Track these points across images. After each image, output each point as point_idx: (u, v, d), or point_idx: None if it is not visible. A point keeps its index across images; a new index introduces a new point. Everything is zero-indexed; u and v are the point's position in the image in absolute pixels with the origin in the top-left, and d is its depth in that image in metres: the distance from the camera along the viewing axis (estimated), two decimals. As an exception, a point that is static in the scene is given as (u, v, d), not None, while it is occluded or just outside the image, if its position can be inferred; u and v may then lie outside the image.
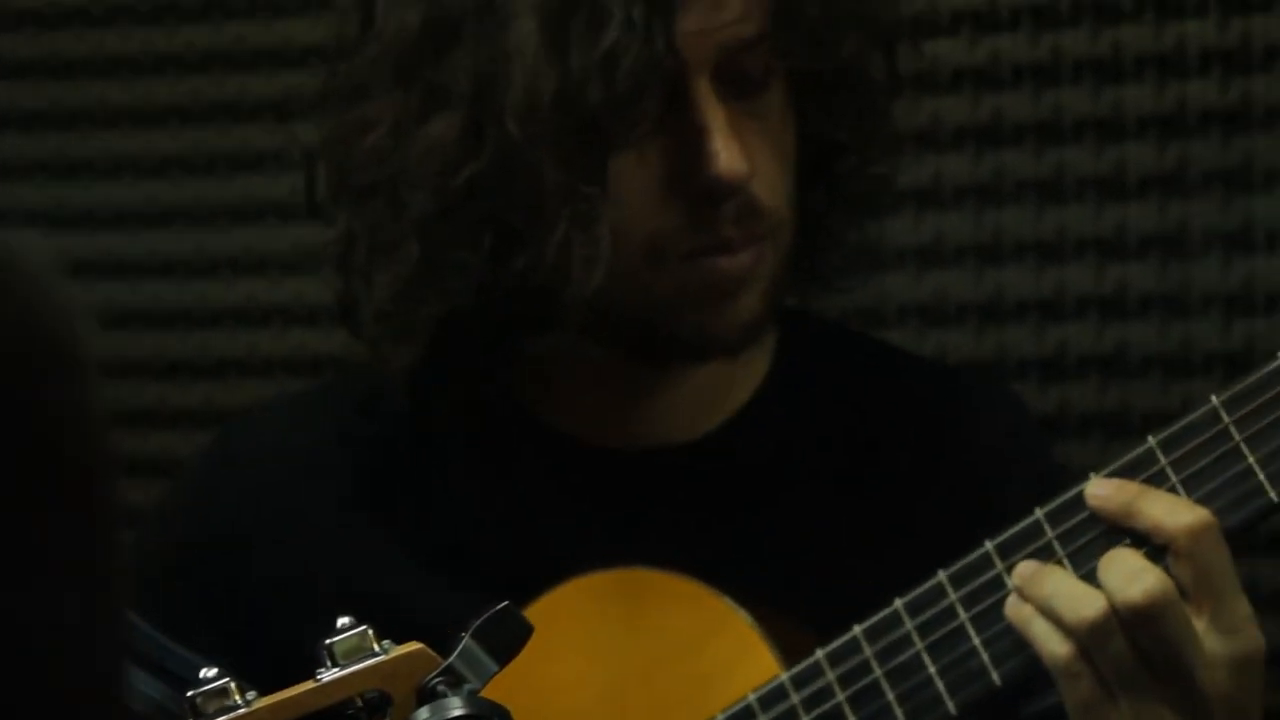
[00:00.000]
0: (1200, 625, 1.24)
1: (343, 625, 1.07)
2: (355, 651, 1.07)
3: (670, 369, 1.49)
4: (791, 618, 1.40)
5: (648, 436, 1.51)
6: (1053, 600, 1.26)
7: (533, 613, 1.38)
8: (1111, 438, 1.98)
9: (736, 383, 1.53)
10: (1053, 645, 1.26)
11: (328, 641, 1.06)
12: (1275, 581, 1.94)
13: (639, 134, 1.36)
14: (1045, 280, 2.05)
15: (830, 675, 1.33)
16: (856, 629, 1.33)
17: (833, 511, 1.50)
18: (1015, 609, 1.29)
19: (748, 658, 1.37)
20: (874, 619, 1.33)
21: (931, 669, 1.31)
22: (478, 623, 1.05)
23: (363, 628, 1.07)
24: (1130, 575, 1.24)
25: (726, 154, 1.37)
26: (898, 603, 1.32)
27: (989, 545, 1.30)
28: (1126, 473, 1.29)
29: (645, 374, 1.50)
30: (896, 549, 1.41)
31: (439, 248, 1.39)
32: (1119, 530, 1.28)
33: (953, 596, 1.31)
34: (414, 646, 1.06)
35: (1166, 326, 2.00)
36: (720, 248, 1.40)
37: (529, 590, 1.40)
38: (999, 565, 1.29)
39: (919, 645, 1.31)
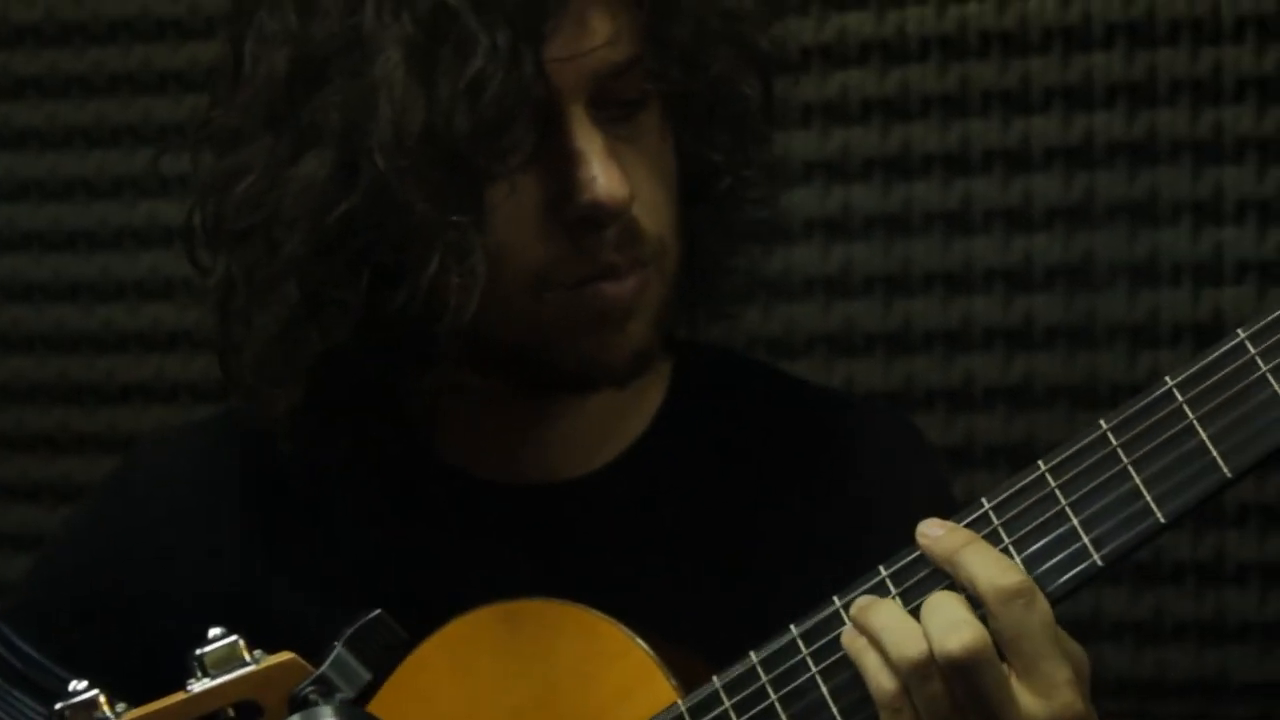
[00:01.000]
0: (1017, 686, 1.23)
1: (214, 635, 1.06)
2: (226, 661, 1.06)
3: (560, 400, 1.48)
4: (684, 647, 1.39)
5: (543, 469, 1.50)
6: (882, 634, 1.26)
7: (430, 645, 1.38)
8: (1017, 469, 1.98)
9: (631, 414, 1.53)
10: (880, 679, 1.25)
11: (198, 652, 1.05)
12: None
13: (513, 163, 1.35)
14: (952, 311, 2.05)
15: (727, 702, 1.33)
16: (753, 655, 1.33)
17: (726, 541, 1.49)
18: (850, 639, 1.29)
19: (645, 685, 1.36)
20: (770, 646, 1.32)
21: (824, 689, 1.30)
22: (350, 631, 1.04)
23: (233, 638, 1.05)
24: (949, 625, 1.23)
25: (605, 179, 1.36)
26: (793, 629, 1.32)
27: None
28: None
29: (537, 406, 1.49)
30: (790, 577, 1.40)
31: (317, 286, 1.38)
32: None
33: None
34: (285, 656, 1.06)
35: (1072, 357, 2.01)
36: (604, 274, 1.39)
37: (422, 622, 1.39)
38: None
39: (813, 669, 1.30)
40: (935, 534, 1.27)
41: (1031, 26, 2.00)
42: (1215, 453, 1.22)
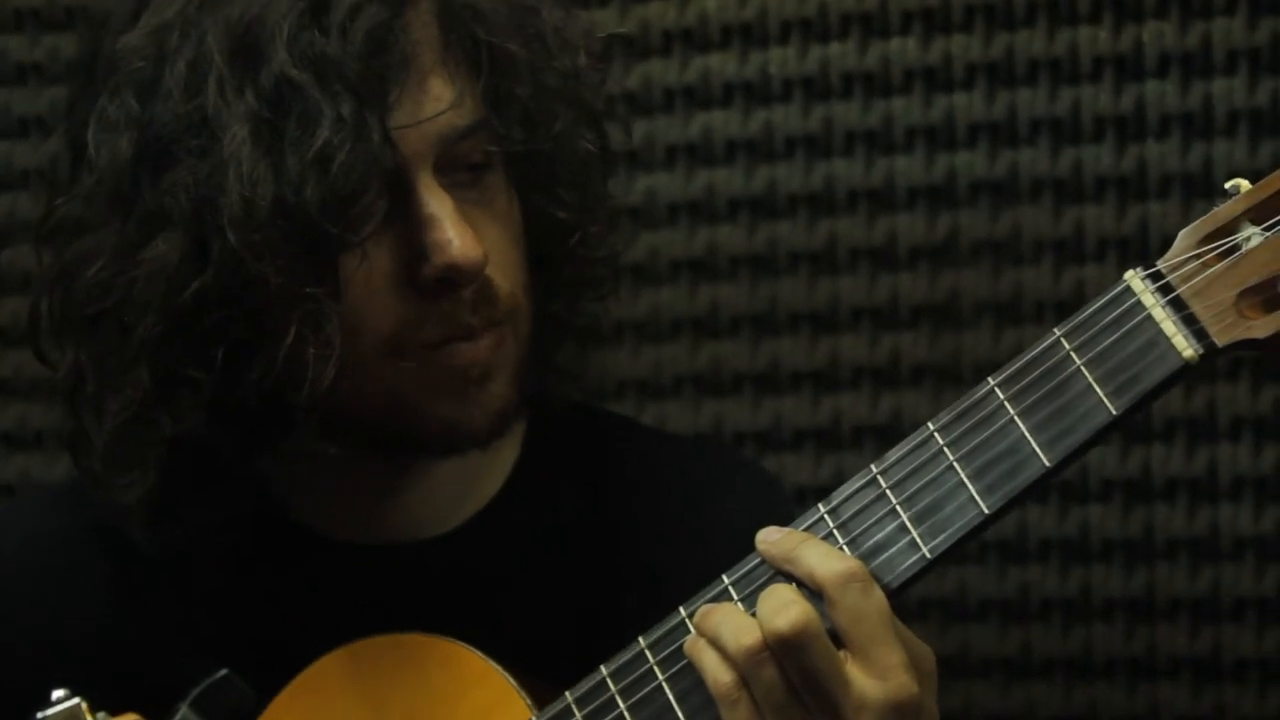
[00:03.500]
0: (852, 669, 1.26)
1: (57, 697, 1.04)
2: (69, 724, 1.04)
3: (418, 462, 1.48)
4: (543, 680, 1.39)
5: (401, 529, 1.50)
6: (719, 629, 1.29)
7: (285, 695, 1.37)
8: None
9: (486, 473, 1.53)
10: (718, 673, 1.28)
11: (40, 715, 1.03)
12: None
13: (365, 232, 1.35)
14: (819, 349, 2.06)
15: (578, 714, 1.35)
16: (603, 668, 1.35)
17: (582, 591, 1.50)
18: (690, 643, 1.31)
19: (502, 707, 1.39)
20: (619, 658, 1.34)
21: (670, 695, 1.33)
22: (196, 691, 1.03)
23: (75, 700, 1.04)
24: (778, 606, 1.26)
25: (460, 241, 1.37)
26: (641, 641, 1.34)
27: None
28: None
29: (395, 469, 1.49)
30: (643, 622, 1.40)
31: (170, 368, 1.37)
32: (784, 575, 1.31)
33: (689, 626, 1.33)
34: (129, 718, 1.04)
35: (939, 393, 2.02)
36: (461, 336, 1.40)
37: (281, 682, 1.39)
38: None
39: (660, 677, 1.33)
40: (773, 537, 1.31)
41: (894, 68, 2.01)
42: (1034, 445, 1.27)
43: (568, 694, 1.36)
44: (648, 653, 1.34)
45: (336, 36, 1.33)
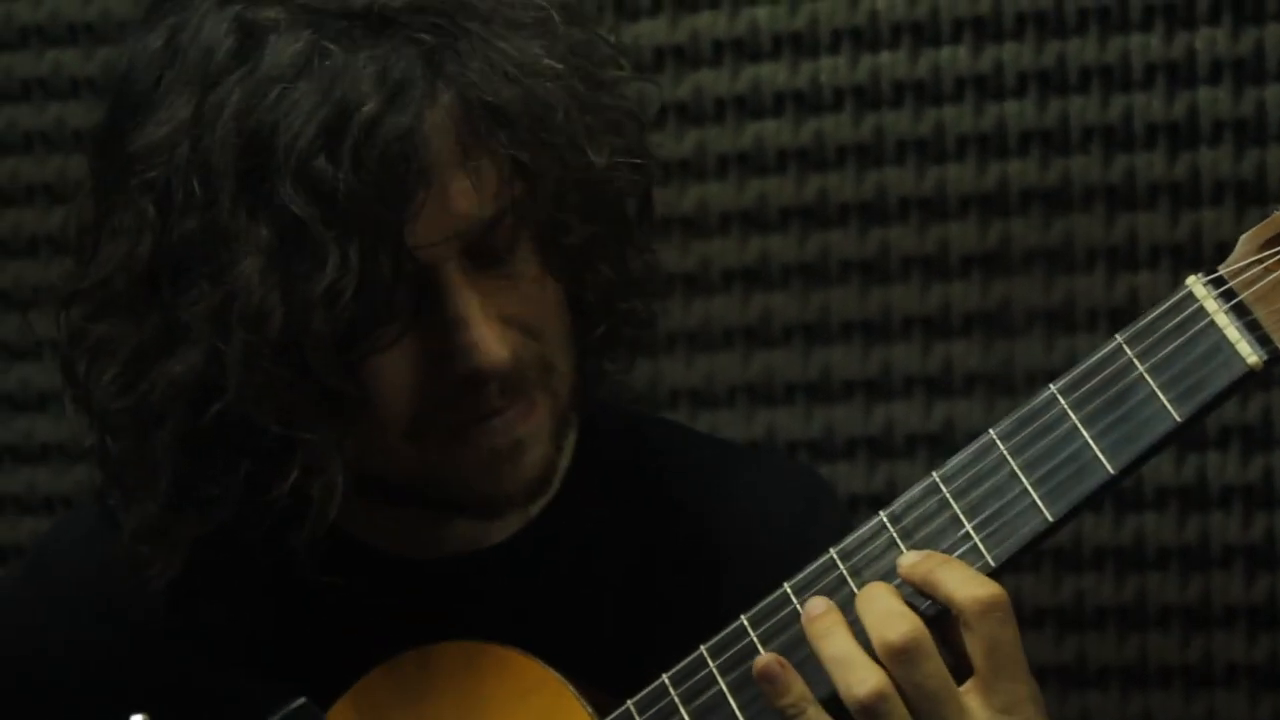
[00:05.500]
0: (971, 698, 1.25)
1: (135, 721, 1.04)
2: (147, 748, 1.04)
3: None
4: (600, 688, 1.39)
5: (456, 543, 1.49)
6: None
7: (343, 703, 1.38)
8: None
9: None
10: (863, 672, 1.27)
11: (120, 739, 1.03)
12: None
13: (386, 338, 1.32)
14: (872, 358, 2.06)
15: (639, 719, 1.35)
16: (664, 676, 1.35)
17: (637, 599, 1.49)
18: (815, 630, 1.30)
19: (562, 712, 1.38)
20: (680, 666, 1.34)
21: (733, 703, 1.32)
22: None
23: (147, 725, 1.04)
24: (886, 615, 1.26)
25: (484, 344, 1.33)
26: (701, 648, 1.33)
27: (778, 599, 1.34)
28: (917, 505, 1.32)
29: None
30: (696, 631, 1.40)
31: (192, 480, 1.36)
32: (917, 597, 1.29)
33: (752, 635, 1.33)
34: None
35: (991, 402, 2.02)
36: (489, 415, 1.38)
37: (338, 698, 1.39)
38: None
39: (722, 684, 1.32)
40: (913, 559, 1.29)
41: (945, 76, 2.01)
42: (1097, 451, 1.27)
43: (629, 702, 1.35)
44: (709, 659, 1.33)
45: (348, 163, 1.27)
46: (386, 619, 1.45)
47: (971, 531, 1.29)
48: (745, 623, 1.33)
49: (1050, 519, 1.28)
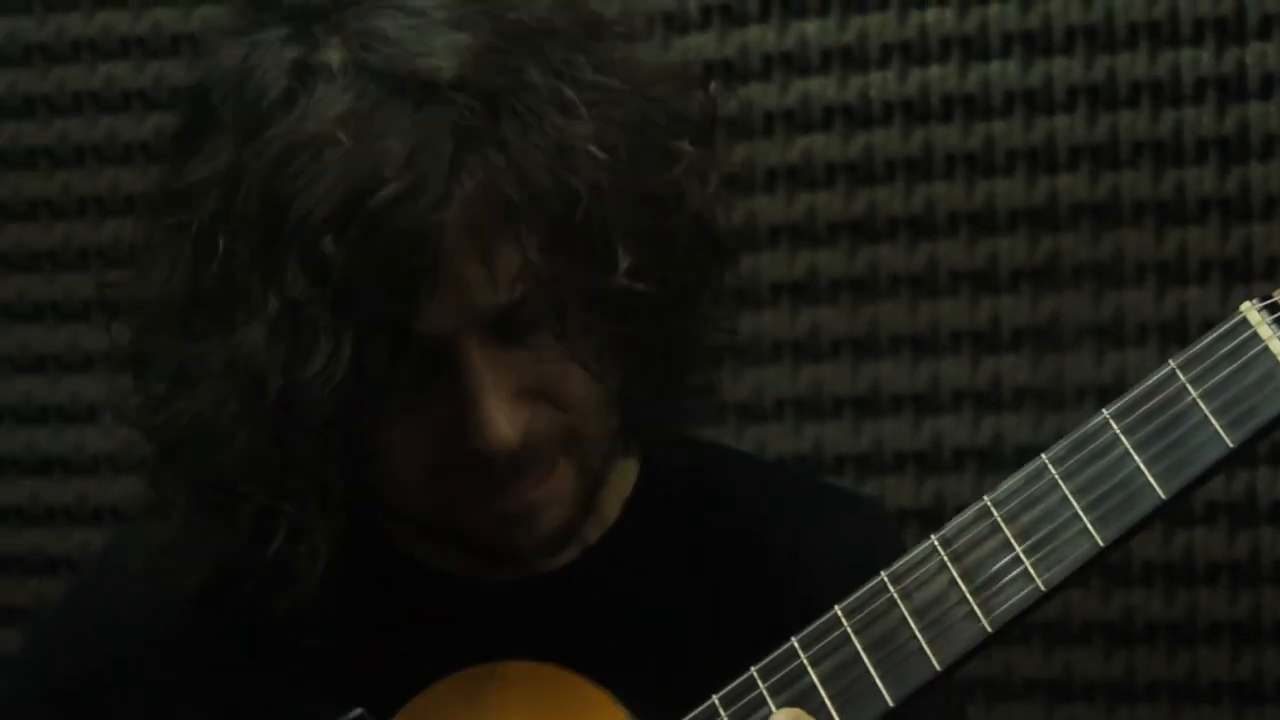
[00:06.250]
0: None
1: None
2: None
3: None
4: (655, 714, 1.40)
5: (516, 566, 1.47)
6: None
7: (411, 708, 1.39)
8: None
9: (603, 506, 1.50)
10: None
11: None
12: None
13: (387, 414, 1.32)
14: (920, 372, 2.06)
15: None
16: (714, 698, 1.34)
17: (693, 626, 1.49)
18: None
19: None
20: (730, 687, 1.34)
21: None
22: (333, 731, 1.03)
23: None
24: None
25: (492, 426, 1.31)
26: (752, 670, 1.33)
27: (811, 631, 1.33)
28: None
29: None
30: (749, 659, 1.40)
31: (196, 518, 1.38)
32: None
33: (802, 657, 1.33)
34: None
35: (1041, 417, 2.02)
36: (500, 484, 1.36)
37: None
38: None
39: (771, 705, 1.32)
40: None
41: (994, 90, 2.01)
42: (1149, 477, 1.26)
43: None
44: (759, 681, 1.34)
45: (357, 250, 1.25)
46: (442, 640, 1.45)
47: (1022, 555, 1.29)
48: (796, 645, 1.33)
49: (1101, 544, 1.28)
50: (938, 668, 1.29)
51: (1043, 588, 1.28)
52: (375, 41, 1.31)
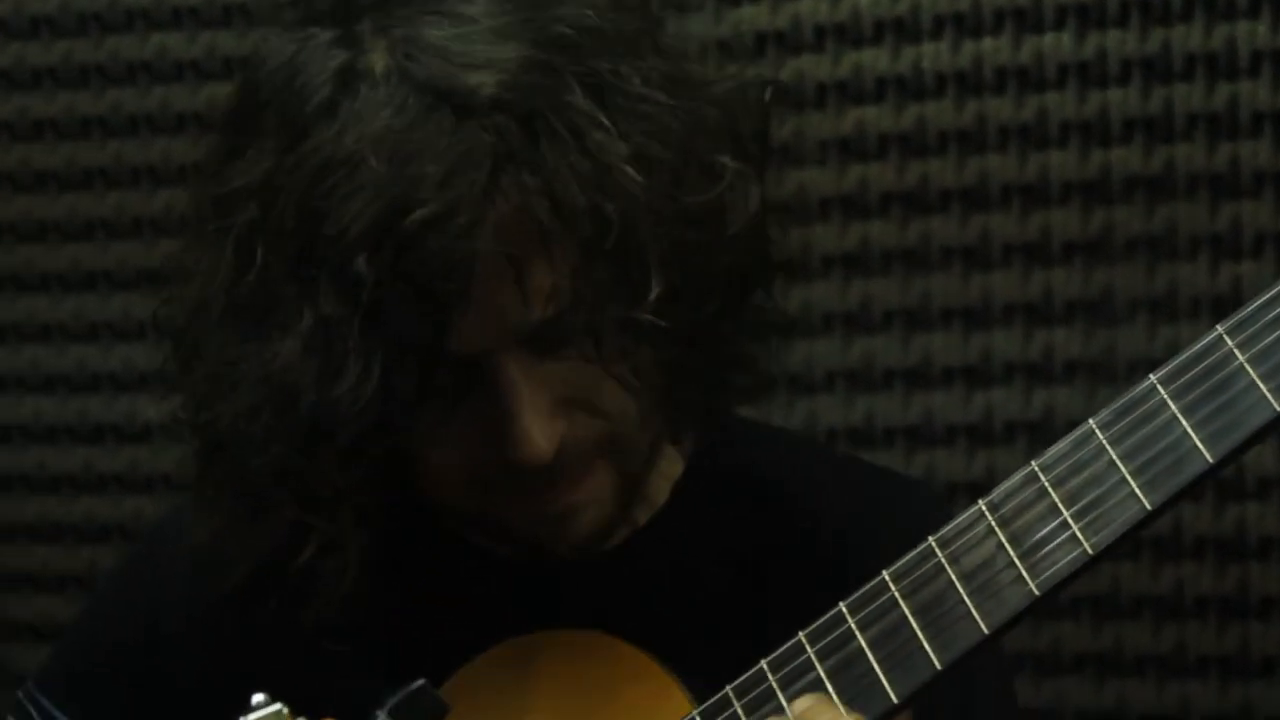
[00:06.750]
0: None
1: (258, 702, 1.06)
2: (270, 730, 1.06)
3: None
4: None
5: (567, 546, 1.47)
6: None
7: (450, 686, 1.39)
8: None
9: (652, 488, 1.51)
10: None
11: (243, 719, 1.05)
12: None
13: (428, 419, 1.32)
14: (972, 344, 2.06)
15: (737, 704, 1.35)
16: (763, 662, 1.35)
17: (739, 607, 1.49)
18: None
19: (664, 699, 1.39)
20: (778, 652, 1.34)
21: (833, 690, 1.32)
22: (393, 700, 1.04)
23: (277, 705, 1.06)
24: None
25: (527, 440, 1.31)
26: (800, 635, 1.34)
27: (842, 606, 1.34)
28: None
29: None
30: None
31: (237, 516, 1.39)
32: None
33: (850, 622, 1.33)
34: (328, 723, 1.06)
35: (1092, 390, 2.02)
36: (540, 490, 1.37)
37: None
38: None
39: (820, 670, 1.33)
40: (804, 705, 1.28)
41: (1047, 62, 2.01)
42: (1196, 441, 1.26)
43: (728, 687, 1.36)
44: (807, 645, 1.34)
45: (389, 269, 1.24)
46: (493, 618, 1.46)
47: (1070, 520, 1.29)
48: (844, 609, 1.33)
49: (1149, 507, 1.28)
50: (985, 631, 1.29)
51: (1090, 551, 1.28)
52: (419, 50, 1.29)
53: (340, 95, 1.29)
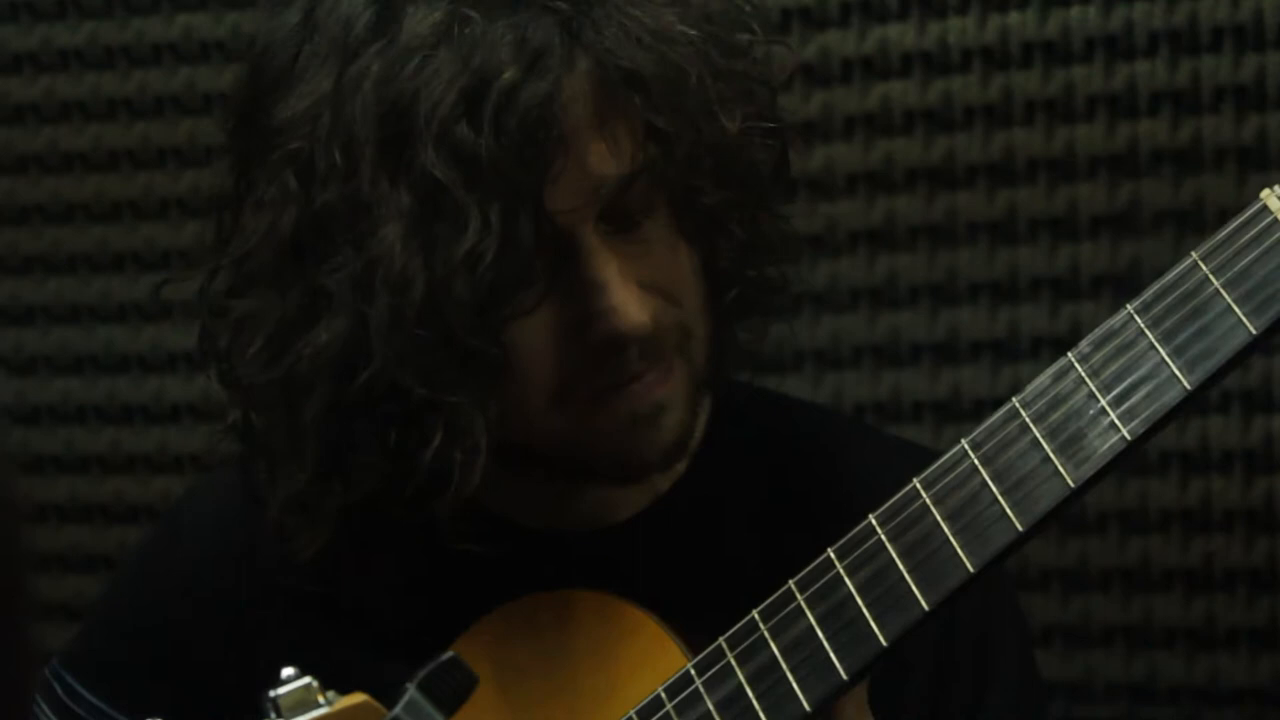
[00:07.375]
0: None
1: (287, 676, 1.06)
2: (300, 704, 1.06)
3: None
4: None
5: (587, 517, 1.51)
6: None
7: (467, 638, 1.42)
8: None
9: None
10: None
11: (272, 694, 1.05)
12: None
13: (526, 304, 1.34)
14: (998, 320, 2.06)
15: (729, 655, 1.35)
16: (754, 612, 1.36)
17: (759, 575, 1.47)
18: None
19: (659, 655, 1.41)
20: (768, 601, 1.36)
21: (822, 636, 1.34)
22: (423, 673, 1.04)
23: (306, 679, 1.06)
24: None
25: (623, 308, 1.35)
26: (790, 583, 1.35)
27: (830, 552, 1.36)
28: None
29: None
30: None
31: (339, 450, 1.38)
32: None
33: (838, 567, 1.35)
34: (359, 698, 1.06)
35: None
36: (628, 381, 1.39)
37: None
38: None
39: (810, 617, 1.33)
40: None
41: (1074, 36, 2.00)
42: (1174, 368, 1.27)
43: (721, 639, 1.37)
44: (797, 593, 1.35)
45: (489, 129, 1.30)
46: (520, 589, 1.46)
47: (1052, 454, 1.29)
48: (831, 555, 1.34)
49: (1129, 438, 1.28)
50: (971, 569, 1.30)
51: (1072, 484, 1.28)
52: None
53: (384, 14, 1.34)
